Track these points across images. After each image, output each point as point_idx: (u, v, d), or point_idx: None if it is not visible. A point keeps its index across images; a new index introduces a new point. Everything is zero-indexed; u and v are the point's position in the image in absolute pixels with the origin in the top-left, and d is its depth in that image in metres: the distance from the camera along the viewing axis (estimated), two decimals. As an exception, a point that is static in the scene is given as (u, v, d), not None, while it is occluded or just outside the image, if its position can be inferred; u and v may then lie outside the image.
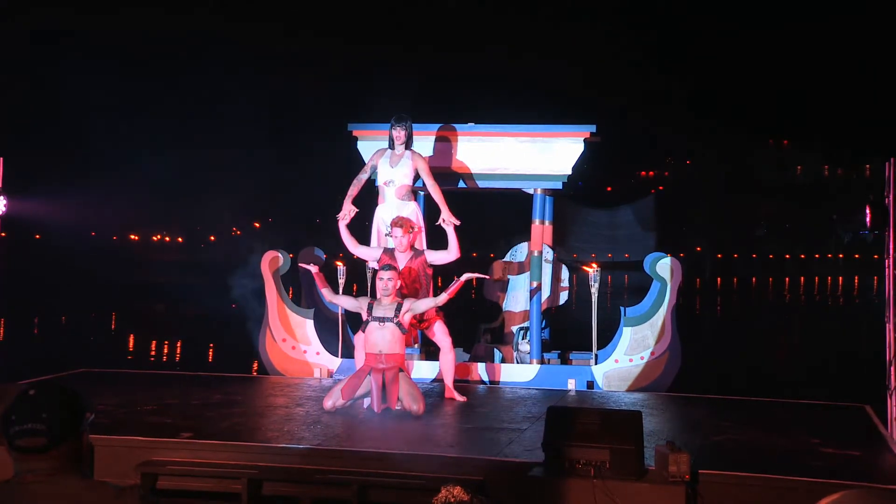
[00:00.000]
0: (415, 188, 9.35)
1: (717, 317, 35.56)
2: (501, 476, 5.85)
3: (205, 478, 6.13)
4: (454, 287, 7.99)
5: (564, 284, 10.38)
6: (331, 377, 9.69)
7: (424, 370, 9.49)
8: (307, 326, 10.03)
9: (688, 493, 5.37)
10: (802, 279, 75.12)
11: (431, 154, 9.74)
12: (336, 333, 10.02)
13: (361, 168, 9.31)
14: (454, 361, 8.68)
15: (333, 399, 7.67)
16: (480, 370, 9.62)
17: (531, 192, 9.92)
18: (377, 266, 8.49)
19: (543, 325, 10.04)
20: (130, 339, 21.82)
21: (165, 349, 20.58)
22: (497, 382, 9.50)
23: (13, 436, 2.32)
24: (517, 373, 9.63)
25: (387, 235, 8.92)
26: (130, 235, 76.96)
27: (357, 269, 10.11)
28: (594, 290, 9.71)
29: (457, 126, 9.93)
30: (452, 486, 2.75)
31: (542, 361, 9.75)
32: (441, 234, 8.90)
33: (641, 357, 9.56)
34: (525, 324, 10.03)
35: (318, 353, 9.98)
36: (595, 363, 9.62)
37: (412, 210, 9.15)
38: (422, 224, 9.19)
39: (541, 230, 9.95)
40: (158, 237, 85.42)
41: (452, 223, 8.73)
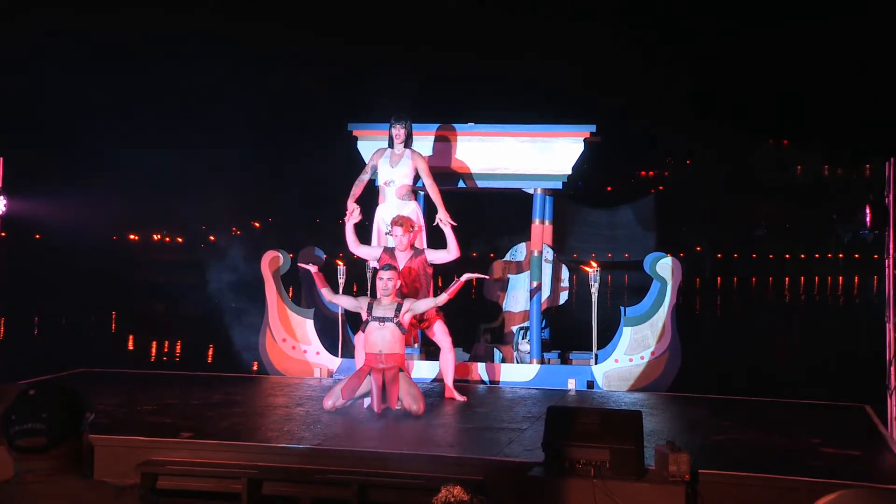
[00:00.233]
0: (415, 188, 9.36)
1: (717, 317, 35.53)
2: (501, 476, 5.85)
3: (205, 478, 6.13)
4: (454, 287, 7.99)
5: (564, 284, 10.38)
6: (331, 377, 9.69)
7: (424, 370, 9.49)
8: (307, 326, 10.04)
9: (688, 493, 5.37)
10: (802, 279, 75.14)
11: (431, 154, 9.74)
12: (336, 333, 10.02)
13: (362, 168, 9.33)
14: (454, 361, 8.68)
15: (333, 399, 7.67)
16: (480, 370, 9.62)
17: (531, 192, 9.92)
18: (377, 265, 8.49)
19: (543, 325, 10.03)
20: (130, 340, 21.81)
21: (165, 349, 20.57)
22: (497, 382, 9.50)
23: (13, 436, 2.32)
24: (517, 373, 9.63)
25: (387, 234, 8.93)
26: (130, 235, 76.95)
27: (357, 269, 10.11)
28: (594, 290, 9.71)
29: (456, 126, 9.94)
30: (452, 486, 2.74)
31: (542, 361, 9.75)
32: (441, 234, 8.91)
33: (641, 357, 9.56)
34: (525, 324, 10.03)
35: (318, 353, 9.98)
36: (595, 363, 9.62)
37: (412, 209, 9.16)
38: (422, 223, 9.20)
39: (541, 230, 9.95)
40: (158, 237, 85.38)
41: (449, 224, 8.74)
